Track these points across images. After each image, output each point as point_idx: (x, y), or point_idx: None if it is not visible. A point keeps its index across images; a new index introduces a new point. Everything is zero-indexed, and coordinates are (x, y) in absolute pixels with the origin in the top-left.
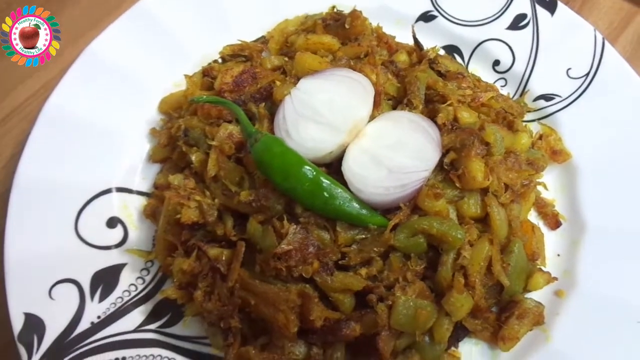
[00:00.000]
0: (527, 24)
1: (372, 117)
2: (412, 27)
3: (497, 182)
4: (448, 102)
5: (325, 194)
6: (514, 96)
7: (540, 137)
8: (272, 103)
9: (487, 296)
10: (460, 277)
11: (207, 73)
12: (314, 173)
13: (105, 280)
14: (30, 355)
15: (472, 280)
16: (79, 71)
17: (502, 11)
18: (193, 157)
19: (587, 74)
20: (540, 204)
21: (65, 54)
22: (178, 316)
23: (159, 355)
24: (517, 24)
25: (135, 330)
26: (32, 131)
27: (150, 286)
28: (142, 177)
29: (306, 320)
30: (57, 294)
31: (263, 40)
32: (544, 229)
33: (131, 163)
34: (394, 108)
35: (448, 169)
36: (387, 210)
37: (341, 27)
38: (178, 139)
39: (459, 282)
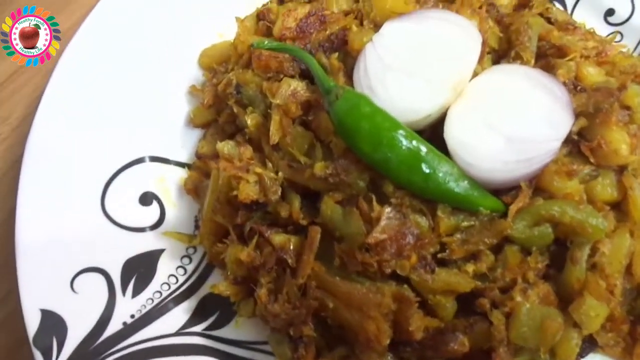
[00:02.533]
0: None
1: (475, 73)
2: None
3: (637, 157)
4: (570, 57)
5: (426, 168)
6: (633, 53)
7: None
8: (346, 54)
9: (622, 303)
10: (599, 279)
11: (263, 16)
12: (413, 141)
13: (140, 269)
14: None
15: (611, 283)
16: (104, 14)
17: None
18: (248, 120)
19: None
20: None
21: None
22: (228, 315)
23: None
24: None
25: (177, 333)
26: (47, 88)
27: (194, 277)
28: (180, 144)
29: (402, 331)
30: (80, 287)
31: None
32: None
33: (168, 127)
34: (495, 64)
35: (577, 140)
36: (497, 190)
37: None
38: (228, 98)
39: (598, 285)
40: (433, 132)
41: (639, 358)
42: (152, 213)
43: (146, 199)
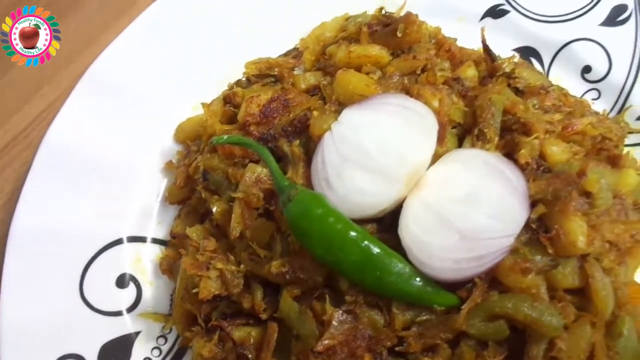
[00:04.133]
0: (629, 17)
1: (435, 156)
2: (482, 30)
3: (600, 242)
4: (534, 135)
5: (377, 269)
6: (609, 112)
7: None
8: (308, 139)
9: None
10: None
11: (229, 100)
12: (365, 242)
13: (116, 354)
14: None
15: None
16: (81, 97)
17: (594, 2)
18: (214, 208)
19: None
20: None
21: (79, 60)
22: None
23: None
24: (615, 18)
25: None
26: (29, 173)
27: (169, 358)
28: (157, 221)
29: None
30: None
31: (295, 54)
32: None
33: (145, 204)
34: (461, 139)
35: (536, 228)
36: (454, 284)
37: (391, 34)
38: (196, 183)
39: None
40: (388, 220)
41: None
42: (129, 295)
43: (123, 281)
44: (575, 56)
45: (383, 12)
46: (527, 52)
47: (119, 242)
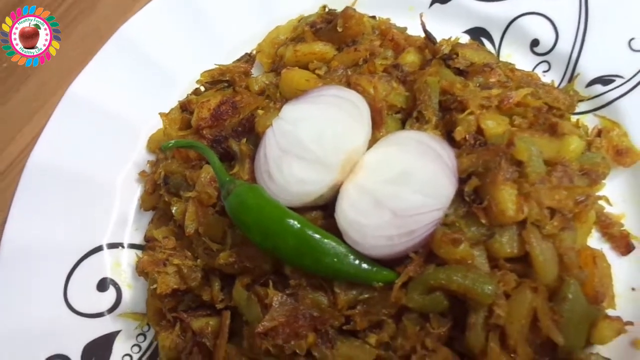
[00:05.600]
0: None
1: (373, 141)
2: (421, 16)
3: (537, 209)
4: (468, 111)
5: (315, 251)
6: (560, 83)
7: (599, 134)
8: (256, 137)
9: (538, 356)
10: (496, 342)
11: (185, 107)
12: (298, 226)
13: (97, 353)
14: None
15: (511, 343)
16: (61, 119)
17: None
18: (174, 209)
19: None
20: (604, 222)
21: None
22: None
23: None
24: None
25: None
26: (16, 191)
27: (148, 354)
28: (134, 227)
29: None
30: None
31: (247, 59)
32: (611, 255)
33: (122, 212)
34: (404, 122)
35: (470, 201)
36: (392, 260)
37: (333, 30)
38: (159, 187)
39: (494, 350)
40: (332, 207)
41: None
42: (109, 297)
43: (104, 285)
44: (523, 31)
45: (326, 10)
46: (478, 33)
47: (99, 249)
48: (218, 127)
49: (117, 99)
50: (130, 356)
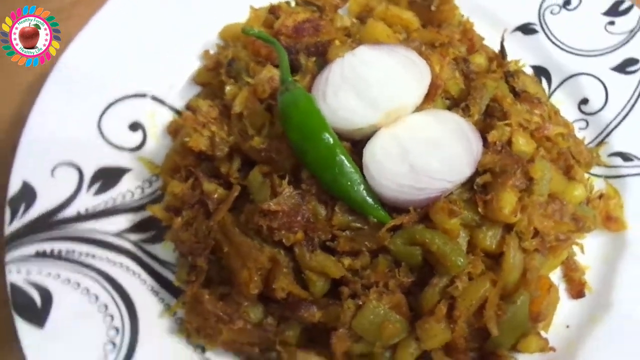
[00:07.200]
0: (637, 71)
1: (420, 109)
2: (504, 31)
3: (526, 223)
4: (506, 121)
5: (337, 169)
6: (590, 143)
7: (601, 196)
8: (324, 61)
9: (469, 338)
10: (444, 306)
11: (273, 11)
12: (332, 143)
13: (107, 177)
14: (12, 219)
15: (456, 314)
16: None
17: (614, 48)
18: (227, 88)
19: None
20: (570, 266)
21: None
22: (161, 237)
23: (127, 266)
24: (626, 67)
25: (115, 234)
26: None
27: (147, 199)
28: (181, 95)
29: (269, 287)
30: (59, 174)
31: None
32: (563, 294)
33: (176, 79)
34: (449, 109)
35: (477, 190)
36: (397, 209)
37: (427, 7)
38: (222, 66)
39: (440, 310)
40: (362, 145)
41: None
42: (135, 139)
43: (136, 126)
44: (579, 87)
45: None
46: (541, 71)
47: (144, 95)
48: (294, 40)
49: None
50: (132, 193)
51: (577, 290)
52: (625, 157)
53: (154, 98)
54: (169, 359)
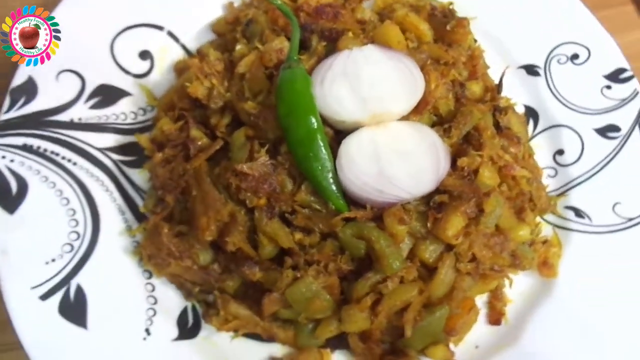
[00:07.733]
0: (616, 138)
1: (406, 119)
2: (506, 68)
3: (466, 247)
4: (479, 152)
5: (312, 152)
6: (552, 191)
7: (545, 242)
8: (333, 48)
9: (385, 332)
10: (371, 299)
11: None
12: (315, 127)
13: (107, 94)
14: (10, 109)
15: (379, 309)
16: None
17: (603, 111)
18: (237, 47)
19: (635, 218)
20: (496, 295)
21: None
22: (140, 164)
23: (102, 180)
24: (607, 131)
25: (100, 150)
26: None
27: (138, 126)
28: (196, 38)
29: (223, 239)
30: (63, 79)
31: None
32: (483, 317)
33: (196, 21)
34: (434, 125)
35: (432, 207)
36: (356, 203)
37: (443, 25)
38: (239, 24)
39: (366, 302)
40: (344, 136)
41: None
42: (143, 67)
43: (145, 55)
44: (560, 138)
45: (451, 6)
46: (530, 112)
47: (161, 28)
48: (313, 19)
49: None
50: (126, 116)
51: (495, 318)
52: (578, 213)
53: (170, 33)
54: (118, 274)
